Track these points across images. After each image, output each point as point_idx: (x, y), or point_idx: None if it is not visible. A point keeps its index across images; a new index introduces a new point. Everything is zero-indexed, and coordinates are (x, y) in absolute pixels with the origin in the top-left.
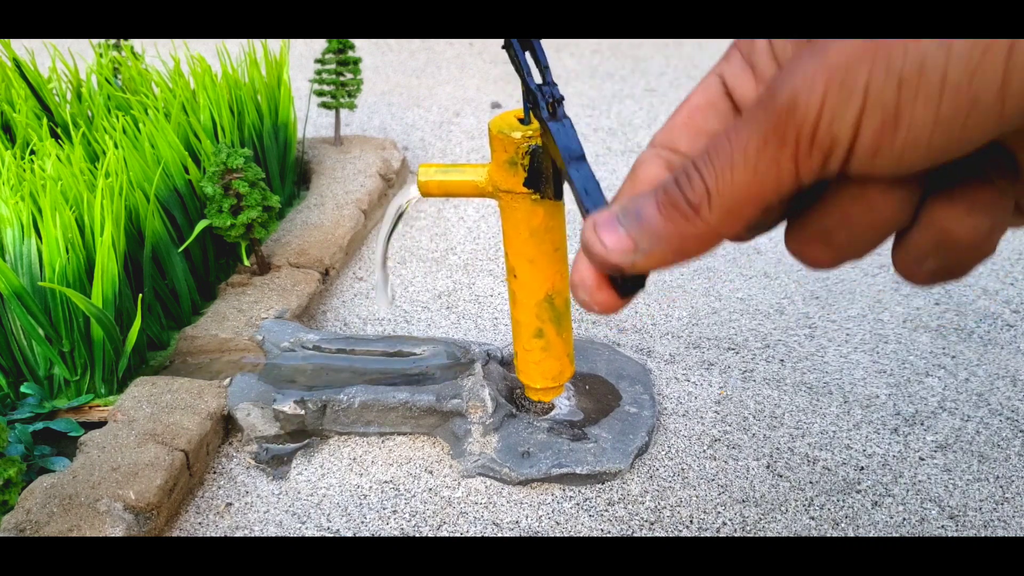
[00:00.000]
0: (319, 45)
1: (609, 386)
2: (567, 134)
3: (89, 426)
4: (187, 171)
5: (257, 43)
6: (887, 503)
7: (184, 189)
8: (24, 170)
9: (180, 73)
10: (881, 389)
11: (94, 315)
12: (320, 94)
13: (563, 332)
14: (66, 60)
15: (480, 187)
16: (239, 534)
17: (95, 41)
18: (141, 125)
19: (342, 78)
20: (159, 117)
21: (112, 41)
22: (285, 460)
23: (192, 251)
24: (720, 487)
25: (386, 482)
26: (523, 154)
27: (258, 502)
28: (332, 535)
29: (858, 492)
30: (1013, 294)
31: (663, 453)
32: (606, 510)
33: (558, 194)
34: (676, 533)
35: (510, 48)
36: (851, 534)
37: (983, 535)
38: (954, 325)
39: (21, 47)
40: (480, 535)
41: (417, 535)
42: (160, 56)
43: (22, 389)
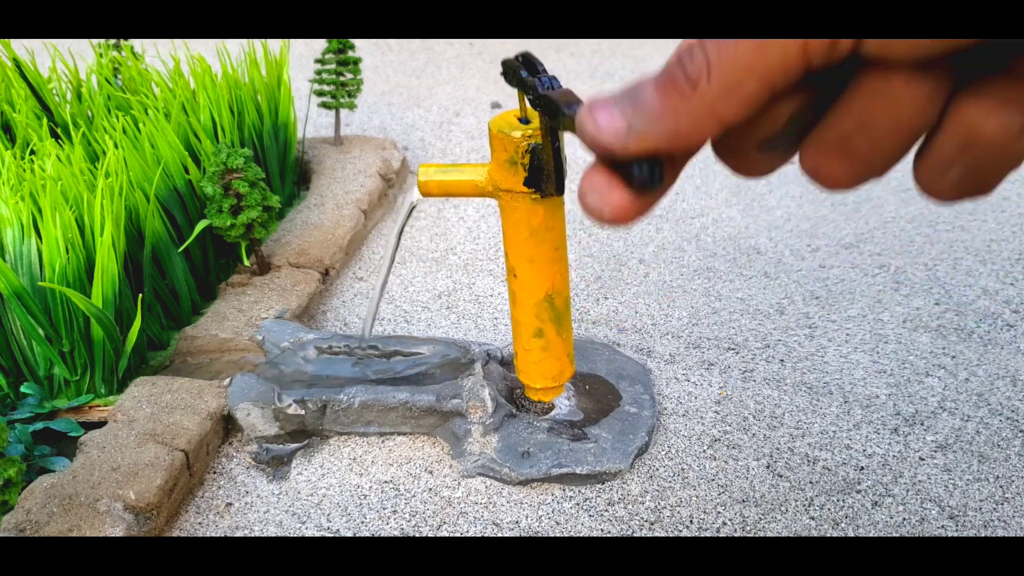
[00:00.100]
0: (319, 45)
1: (609, 386)
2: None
3: (89, 426)
4: (187, 171)
5: (257, 43)
6: (887, 503)
7: (184, 189)
8: (24, 170)
9: (180, 73)
10: (881, 389)
11: (94, 315)
12: (320, 94)
13: (563, 332)
14: (66, 60)
15: (480, 187)
16: (239, 534)
17: (95, 41)
18: (141, 125)
19: (342, 78)
20: (159, 117)
21: (112, 41)
22: (285, 460)
23: (192, 251)
24: (720, 487)
25: (386, 482)
26: (523, 153)
27: (258, 502)
28: (332, 535)
29: (858, 492)
30: (1013, 294)
31: (663, 453)
32: (606, 510)
33: (559, 189)
34: (676, 533)
35: (509, 75)
36: (851, 534)
37: (983, 535)
38: (954, 325)
39: (21, 47)
40: (480, 535)
41: (417, 535)
42: (160, 56)
43: (22, 389)
